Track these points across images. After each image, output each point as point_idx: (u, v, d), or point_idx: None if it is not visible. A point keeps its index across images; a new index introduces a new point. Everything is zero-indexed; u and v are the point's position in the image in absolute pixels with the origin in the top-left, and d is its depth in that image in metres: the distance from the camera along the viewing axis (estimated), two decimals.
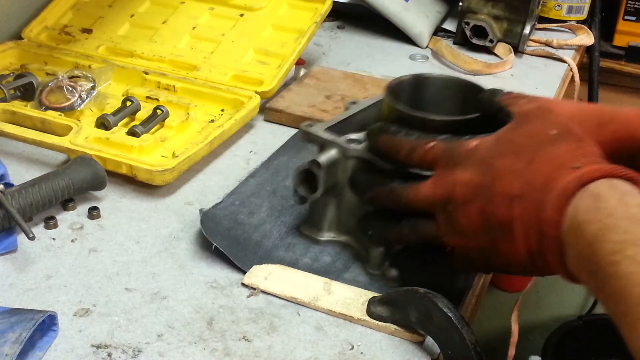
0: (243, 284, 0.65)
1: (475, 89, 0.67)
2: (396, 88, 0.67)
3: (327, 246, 0.70)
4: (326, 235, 0.70)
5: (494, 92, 0.63)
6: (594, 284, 0.48)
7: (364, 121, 0.70)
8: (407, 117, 0.63)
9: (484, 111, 0.63)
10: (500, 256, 0.56)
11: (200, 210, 0.70)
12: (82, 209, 0.74)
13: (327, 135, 0.67)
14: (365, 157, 0.65)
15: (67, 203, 0.74)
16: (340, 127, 0.69)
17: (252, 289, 0.64)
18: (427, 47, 1.25)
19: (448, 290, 0.59)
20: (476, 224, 0.56)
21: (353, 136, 0.67)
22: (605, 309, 0.47)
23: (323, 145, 0.67)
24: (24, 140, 0.82)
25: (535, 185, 0.52)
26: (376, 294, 0.62)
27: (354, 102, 0.75)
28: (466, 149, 0.58)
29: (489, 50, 1.24)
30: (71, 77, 0.91)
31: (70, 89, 0.89)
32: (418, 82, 0.70)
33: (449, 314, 0.55)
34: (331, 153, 0.66)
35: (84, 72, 0.92)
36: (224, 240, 0.68)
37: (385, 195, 0.62)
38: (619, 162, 0.56)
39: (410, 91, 0.69)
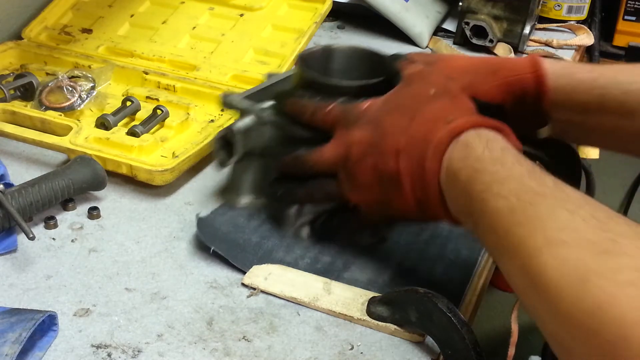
0: (243, 284, 0.65)
1: (381, 58, 0.71)
2: (307, 58, 0.72)
3: (327, 246, 0.70)
4: (244, 199, 0.74)
5: (395, 57, 0.69)
6: (471, 224, 0.54)
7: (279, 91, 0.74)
8: (315, 84, 0.68)
9: (386, 76, 0.67)
10: (395, 207, 0.61)
11: (197, 215, 0.70)
12: (82, 209, 0.74)
13: (244, 104, 0.71)
14: (277, 122, 0.69)
15: (67, 203, 0.74)
16: (258, 96, 0.73)
17: (252, 289, 0.64)
18: (427, 47, 1.25)
19: (360, 244, 0.66)
20: (371, 178, 0.61)
21: (267, 104, 0.70)
22: (483, 246, 0.54)
23: (242, 113, 0.71)
24: (24, 140, 0.82)
25: (416, 139, 0.58)
26: (376, 294, 0.62)
27: (272, 74, 0.79)
28: (360, 110, 0.63)
29: (489, 50, 1.24)
30: (71, 77, 0.91)
31: (70, 89, 0.89)
32: (327, 53, 0.74)
33: (449, 314, 0.55)
34: (246, 120, 0.70)
35: (84, 72, 0.92)
36: (223, 244, 0.68)
37: (292, 161, 0.67)
38: (513, 103, 0.66)
39: (320, 61, 0.73)
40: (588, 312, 0.40)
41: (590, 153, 1.26)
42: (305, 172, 0.66)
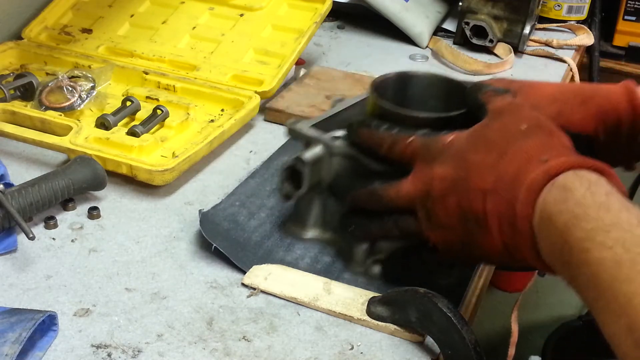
0: (243, 284, 0.65)
1: (460, 86, 0.67)
2: (381, 85, 0.67)
3: (327, 246, 0.70)
4: (311, 233, 0.71)
5: (477, 88, 0.64)
6: (568, 273, 0.49)
7: (349, 119, 0.70)
8: (390, 114, 0.63)
9: (468, 108, 0.63)
10: (478, 248, 0.57)
11: (200, 211, 0.70)
12: (82, 209, 0.74)
13: (312, 132, 0.67)
14: (349, 154, 0.65)
15: (67, 203, 0.74)
16: (325, 125, 0.69)
17: (252, 289, 0.64)
18: (427, 47, 1.25)
19: (432, 287, 0.59)
20: (454, 217, 0.57)
21: (338, 133, 0.67)
22: (580, 298, 0.48)
23: (308, 143, 0.67)
24: (24, 140, 0.82)
25: (506, 179, 0.54)
26: (376, 294, 0.62)
27: (340, 100, 0.75)
28: (443, 144, 0.59)
29: (489, 50, 1.24)
30: (71, 77, 0.91)
31: (70, 89, 0.89)
32: (403, 80, 0.70)
33: (449, 314, 0.55)
34: (315, 150, 0.66)
35: (84, 72, 0.92)
36: (224, 241, 0.68)
37: (366, 196, 0.63)
38: (605, 134, 0.60)
39: (395, 89, 0.69)
40: None
41: None
42: (380, 208, 0.62)
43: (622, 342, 0.43)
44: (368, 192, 0.62)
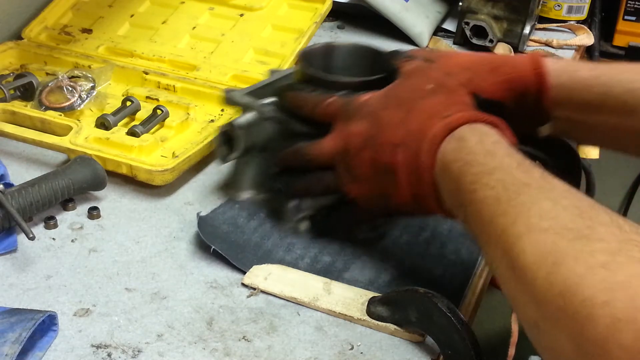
0: (243, 284, 0.65)
1: (382, 54, 0.72)
2: (308, 55, 0.73)
3: (327, 246, 0.70)
4: (246, 194, 0.74)
5: (395, 54, 0.70)
6: (462, 214, 0.55)
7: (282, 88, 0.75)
8: (316, 80, 0.69)
9: (387, 73, 0.67)
10: (391, 200, 0.62)
11: (198, 214, 0.70)
12: (82, 209, 0.74)
13: (245, 99, 0.72)
14: (279, 117, 0.70)
15: (67, 203, 0.74)
16: (260, 93, 0.73)
17: (252, 289, 0.64)
18: (427, 47, 1.25)
19: (353, 241, 0.68)
20: (368, 170, 0.62)
21: (269, 100, 0.71)
22: (471, 236, 0.55)
23: (242, 109, 0.71)
24: (24, 140, 0.82)
25: (412, 133, 0.59)
26: (376, 294, 0.62)
27: (275, 70, 0.80)
28: (359, 103, 0.64)
29: (489, 50, 1.23)
30: (71, 77, 0.91)
31: (70, 89, 0.89)
32: (328, 50, 0.75)
33: (449, 314, 0.55)
34: (248, 116, 0.70)
35: (84, 72, 0.92)
36: (223, 243, 0.68)
37: (292, 155, 0.68)
38: (514, 101, 0.66)
39: (321, 58, 0.74)
40: (559, 293, 0.41)
41: (590, 153, 1.26)
42: (304, 165, 0.67)
43: (499, 267, 0.49)
44: (293, 151, 0.68)
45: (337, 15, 1.32)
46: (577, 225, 0.44)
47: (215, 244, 0.67)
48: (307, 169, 0.67)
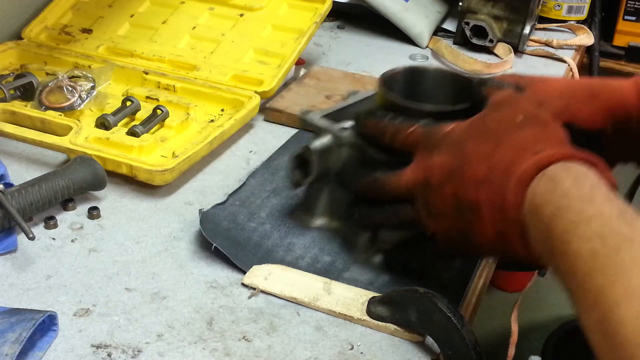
0: (243, 284, 0.65)
1: (467, 81, 0.68)
2: (390, 79, 0.68)
3: (327, 246, 0.70)
4: (318, 221, 0.72)
5: (482, 82, 0.65)
6: (552, 263, 0.49)
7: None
8: (397, 106, 0.65)
9: (473, 102, 0.64)
10: (473, 238, 0.57)
11: (200, 210, 0.70)
12: (82, 209, 0.74)
13: (322, 122, 0.69)
14: (356, 144, 0.67)
15: (67, 203, 0.74)
16: (337, 116, 0.71)
17: (252, 289, 0.64)
18: (427, 47, 1.25)
19: (432, 279, 0.62)
20: (450, 206, 0.58)
21: (347, 124, 0.68)
22: (563, 289, 0.48)
23: (318, 132, 0.69)
24: (24, 140, 0.82)
25: (499, 169, 0.54)
26: (376, 294, 0.62)
27: (354, 93, 0.77)
28: (442, 133, 0.60)
29: (489, 50, 1.24)
30: (71, 77, 0.91)
31: (70, 89, 0.89)
32: (411, 74, 0.71)
33: (449, 314, 0.55)
34: (324, 140, 0.68)
35: (84, 72, 0.92)
36: (224, 241, 0.68)
37: (369, 185, 0.64)
38: (615, 129, 0.60)
39: (403, 83, 0.70)
40: None
41: None
42: (382, 196, 0.63)
43: (594, 334, 0.43)
44: (371, 180, 0.63)
45: (337, 15, 1.32)
46: None
47: (216, 241, 0.67)
48: (385, 200, 0.63)
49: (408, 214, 0.61)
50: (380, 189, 0.63)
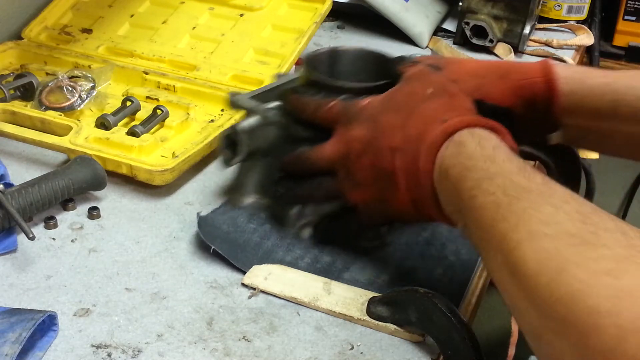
0: (243, 284, 0.65)
1: (387, 60, 0.71)
2: (313, 59, 0.72)
3: (327, 246, 0.70)
4: (249, 199, 0.74)
5: (401, 59, 0.69)
6: (461, 221, 0.54)
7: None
8: (320, 84, 0.68)
9: (391, 78, 0.66)
10: (391, 205, 0.61)
11: (198, 214, 0.70)
12: (82, 209, 0.74)
13: (249, 103, 0.72)
14: (281, 121, 0.69)
15: (67, 203, 0.74)
16: (264, 97, 0.73)
17: (252, 289, 0.64)
18: (427, 47, 1.25)
19: (355, 249, 0.67)
20: (368, 175, 0.62)
21: (273, 104, 0.71)
22: (472, 244, 0.54)
23: (247, 113, 0.71)
24: (24, 140, 0.82)
25: (411, 138, 0.59)
26: (376, 294, 0.62)
27: (281, 75, 0.79)
28: (359, 107, 0.63)
29: (489, 50, 1.24)
30: (71, 77, 0.91)
31: (70, 89, 0.89)
32: (334, 54, 0.74)
33: (449, 314, 0.55)
34: (251, 120, 0.70)
35: (84, 72, 0.92)
36: (223, 244, 0.68)
37: (294, 160, 0.67)
38: (523, 108, 0.65)
39: (326, 63, 0.73)
40: (562, 302, 0.40)
41: (590, 153, 1.26)
42: (306, 171, 0.66)
43: (499, 274, 0.47)
44: (295, 155, 0.67)
45: (337, 15, 1.32)
46: (580, 231, 0.43)
47: (215, 243, 0.67)
48: (310, 175, 0.67)
49: (331, 185, 0.65)
50: (303, 163, 0.66)
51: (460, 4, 1.23)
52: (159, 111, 0.86)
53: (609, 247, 0.41)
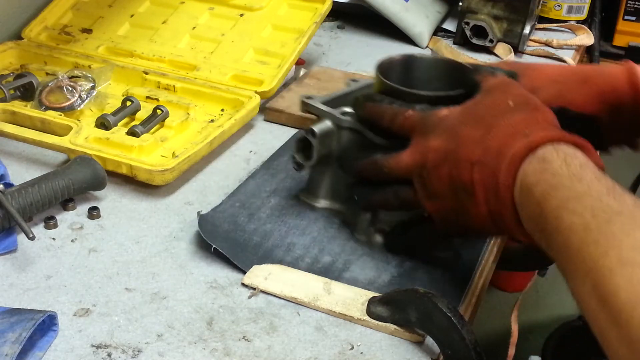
0: (243, 284, 0.65)
1: (463, 68, 0.70)
2: (387, 67, 0.71)
3: (327, 246, 0.70)
4: (322, 203, 0.75)
5: (478, 68, 0.67)
6: (545, 240, 0.52)
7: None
8: (394, 92, 0.67)
9: (468, 88, 0.65)
10: (468, 217, 0.60)
11: (198, 213, 0.70)
12: (82, 209, 0.74)
13: (323, 107, 0.71)
14: (356, 128, 0.69)
15: (67, 203, 0.74)
16: (338, 102, 0.73)
17: (252, 289, 0.64)
18: (427, 47, 1.25)
19: (430, 258, 0.67)
20: (445, 186, 0.60)
21: (347, 109, 0.71)
22: (556, 264, 0.51)
23: (319, 117, 0.71)
24: (24, 140, 0.82)
25: (491, 151, 0.57)
26: (376, 294, 0.62)
27: (354, 80, 0.79)
28: (438, 117, 0.62)
29: (489, 50, 1.24)
30: (71, 77, 0.91)
31: (70, 89, 0.89)
32: (408, 62, 0.73)
33: (449, 314, 0.55)
34: (325, 123, 0.70)
35: (84, 72, 0.92)
36: (224, 242, 0.68)
37: (369, 166, 0.66)
38: (608, 114, 0.62)
39: (400, 70, 0.72)
40: None
41: None
42: (381, 178, 0.65)
43: (588, 302, 0.45)
44: (370, 162, 0.66)
45: (337, 15, 1.32)
46: None
47: (216, 242, 0.67)
48: (384, 182, 0.65)
49: (406, 194, 0.64)
50: (379, 170, 0.65)
51: (460, 4, 1.23)
52: (159, 111, 0.86)
53: None
